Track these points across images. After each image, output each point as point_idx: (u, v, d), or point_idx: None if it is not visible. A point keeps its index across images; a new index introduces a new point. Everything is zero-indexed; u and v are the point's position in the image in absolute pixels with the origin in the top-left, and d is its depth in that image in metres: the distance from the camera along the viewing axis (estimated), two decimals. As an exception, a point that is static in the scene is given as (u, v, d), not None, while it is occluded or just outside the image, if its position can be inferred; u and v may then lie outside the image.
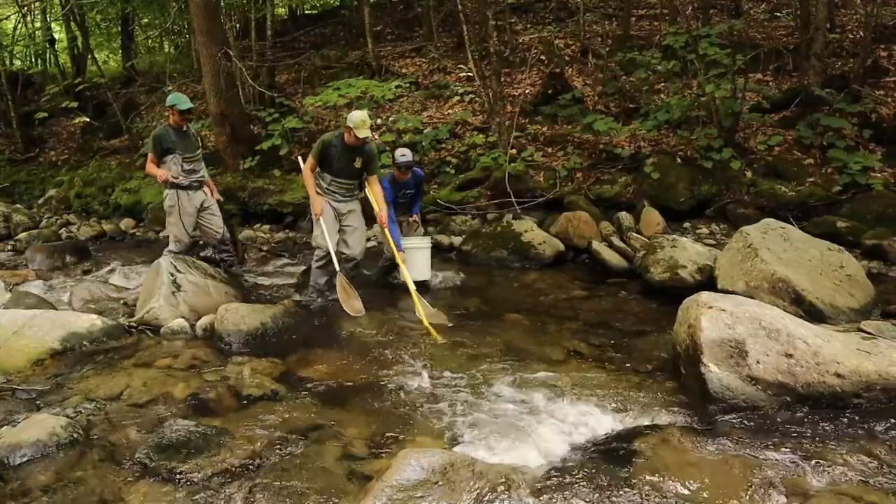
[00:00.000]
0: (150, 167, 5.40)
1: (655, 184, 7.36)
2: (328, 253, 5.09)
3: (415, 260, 5.52)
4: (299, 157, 5.64)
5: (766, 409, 3.21)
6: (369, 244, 5.70)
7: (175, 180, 5.33)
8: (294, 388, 3.74)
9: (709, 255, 5.54)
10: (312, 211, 5.13)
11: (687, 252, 5.52)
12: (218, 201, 5.79)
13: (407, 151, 5.54)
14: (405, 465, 2.53)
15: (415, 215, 5.95)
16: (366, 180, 5.26)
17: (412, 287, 5.00)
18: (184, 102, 5.35)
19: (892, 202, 6.54)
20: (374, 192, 5.22)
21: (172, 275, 5.07)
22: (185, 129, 5.44)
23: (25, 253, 7.79)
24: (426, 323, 4.62)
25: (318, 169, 5.15)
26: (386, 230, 5.22)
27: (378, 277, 5.88)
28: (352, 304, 4.90)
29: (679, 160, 7.65)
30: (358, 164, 5.09)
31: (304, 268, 6.59)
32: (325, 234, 5.08)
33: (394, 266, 5.56)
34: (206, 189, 5.62)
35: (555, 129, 8.92)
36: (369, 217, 5.55)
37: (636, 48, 9.82)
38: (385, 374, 3.90)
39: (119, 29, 15.86)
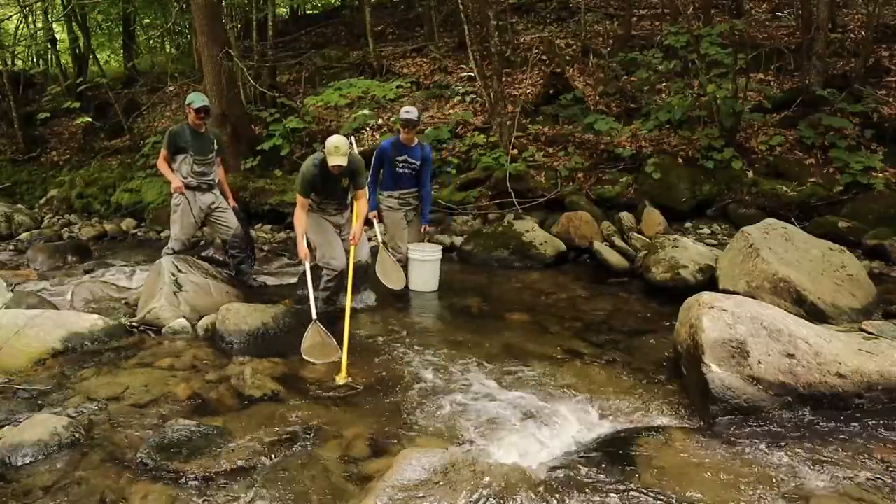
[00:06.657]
0: (163, 166, 5.45)
1: (657, 184, 7.36)
2: (339, 272, 4.84)
3: (423, 271, 5.55)
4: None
5: (767, 409, 3.20)
6: (370, 243, 5.68)
7: (184, 181, 5.36)
8: (295, 388, 3.74)
9: (710, 255, 5.54)
10: (298, 254, 4.77)
11: (688, 252, 5.51)
12: (233, 208, 5.76)
13: (412, 108, 5.35)
14: (406, 465, 2.53)
15: (425, 225, 5.87)
16: (353, 196, 5.03)
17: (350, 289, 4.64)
18: (198, 100, 5.36)
19: (893, 202, 6.54)
20: (358, 207, 4.96)
21: (174, 275, 5.07)
22: (202, 130, 5.45)
23: (27, 253, 7.81)
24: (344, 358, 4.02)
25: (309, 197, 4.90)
26: (353, 248, 4.84)
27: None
28: (319, 351, 4.19)
29: (680, 160, 7.64)
30: (345, 182, 4.91)
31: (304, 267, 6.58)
32: (328, 251, 4.89)
33: (403, 265, 5.53)
34: (215, 191, 5.62)
35: (556, 128, 8.91)
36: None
37: (637, 48, 9.81)
38: (385, 374, 3.91)
39: (120, 29, 15.89)
